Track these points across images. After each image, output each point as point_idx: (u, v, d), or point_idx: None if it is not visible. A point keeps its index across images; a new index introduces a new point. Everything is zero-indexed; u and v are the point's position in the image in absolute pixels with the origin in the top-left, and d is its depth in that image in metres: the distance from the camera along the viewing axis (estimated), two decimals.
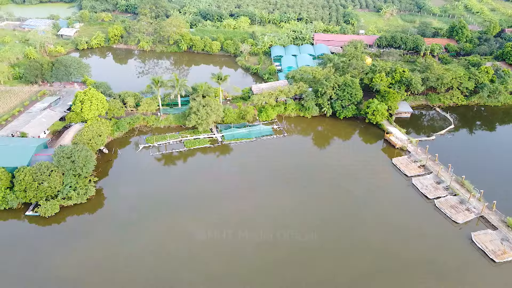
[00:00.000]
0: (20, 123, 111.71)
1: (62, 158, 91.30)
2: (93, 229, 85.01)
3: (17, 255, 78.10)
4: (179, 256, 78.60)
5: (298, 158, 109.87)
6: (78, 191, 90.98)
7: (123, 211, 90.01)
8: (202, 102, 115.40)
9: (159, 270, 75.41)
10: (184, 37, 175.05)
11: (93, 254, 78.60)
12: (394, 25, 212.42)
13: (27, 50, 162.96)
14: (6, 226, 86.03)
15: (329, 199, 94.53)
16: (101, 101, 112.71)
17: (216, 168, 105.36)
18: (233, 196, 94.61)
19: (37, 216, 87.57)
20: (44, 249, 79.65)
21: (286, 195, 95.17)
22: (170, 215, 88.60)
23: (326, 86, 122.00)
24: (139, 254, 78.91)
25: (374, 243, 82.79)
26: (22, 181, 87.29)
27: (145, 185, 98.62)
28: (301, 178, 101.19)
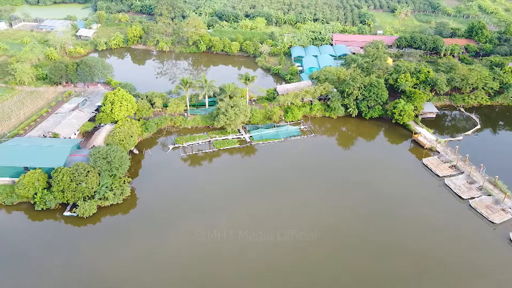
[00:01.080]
0: (50, 123, 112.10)
1: (98, 159, 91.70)
2: (132, 229, 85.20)
3: (60, 255, 78.31)
4: (218, 256, 78.61)
5: (327, 158, 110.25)
6: (114, 191, 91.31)
7: (159, 211, 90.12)
8: (231, 103, 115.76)
9: (199, 270, 75.55)
10: (203, 38, 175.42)
11: (134, 254, 78.72)
12: (409, 25, 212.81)
13: (48, 51, 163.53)
14: (45, 226, 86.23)
15: (362, 199, 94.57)
16: (130, 102, 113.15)
17: (247, 168, 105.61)
18: (267, 196, 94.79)
19: (74, 216, 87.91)
20: (86, 249, 79.87)
21: (320, 195, 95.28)
22: (205, 215, 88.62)
23: (353, 87, 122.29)
24: (179, 254, 78.87)
25: (411, 243, 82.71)
26: (60, 181, 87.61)
27: (177, 185, 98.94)
28: (332, 178, 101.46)
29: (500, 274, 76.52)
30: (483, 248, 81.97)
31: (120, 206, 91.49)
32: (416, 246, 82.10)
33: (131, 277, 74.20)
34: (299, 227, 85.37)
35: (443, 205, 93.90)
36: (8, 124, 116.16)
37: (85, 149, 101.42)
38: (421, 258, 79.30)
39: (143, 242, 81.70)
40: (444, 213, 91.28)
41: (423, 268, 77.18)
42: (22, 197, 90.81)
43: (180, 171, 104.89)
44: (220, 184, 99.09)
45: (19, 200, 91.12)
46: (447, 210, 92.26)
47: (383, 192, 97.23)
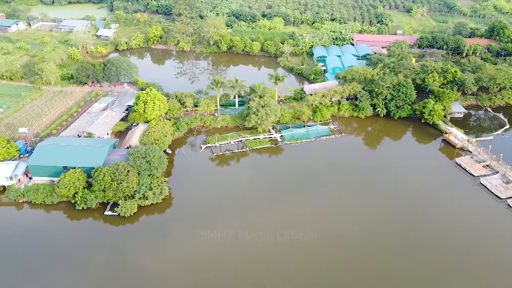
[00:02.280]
0: (82, 123, 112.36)
1: (137, 158, 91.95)
2: (172, 228, 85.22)
3: (105, 255, 78.49)
4: (259, 256, 78.78)
5: (359, 157, 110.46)
6: (154, 191, 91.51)
7: (197, 211, 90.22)
8: (261, 103, 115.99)
9: (242, 270, 75.78)
10: (224, 38, 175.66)
11: (175, 253, 78.81)
12: (426, 25, 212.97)
13: (70, 50, 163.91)
14: (87, 226, 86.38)
15: (397, 198, 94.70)
16: (162, 102, 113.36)
17: (280, 168, 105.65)
18: (303, 195, 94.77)
19: (115, 215, 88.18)
20: (129, 248, 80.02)
21: (355, 194, 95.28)
22: (242, 214, 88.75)
23: (382, 86, 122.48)
24: (218, 254, 78.84)
25: (451, 243, 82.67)
26: (101, 181, 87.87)
27: (212, 184, 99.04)
28: (365, 177, 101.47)
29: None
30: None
31: (159, 205, 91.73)
32: (455, 245, 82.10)
33: (172, 277, 74.21)
34: (336, 226, 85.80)
35: (481, 204, 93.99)
36: (40, 123, 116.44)
37: (120, 149, 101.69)
38: (461, 257, 79.33)
39: (183, 241, 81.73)
40: (483, 212, 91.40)
41: (464, 267, 77.31)
42: (62, 197, 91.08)
43: (213, 170, 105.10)
44: (255, 184, 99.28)
45: (59, 199, 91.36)
46: (485, 210, 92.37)
47: (418, 191, 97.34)
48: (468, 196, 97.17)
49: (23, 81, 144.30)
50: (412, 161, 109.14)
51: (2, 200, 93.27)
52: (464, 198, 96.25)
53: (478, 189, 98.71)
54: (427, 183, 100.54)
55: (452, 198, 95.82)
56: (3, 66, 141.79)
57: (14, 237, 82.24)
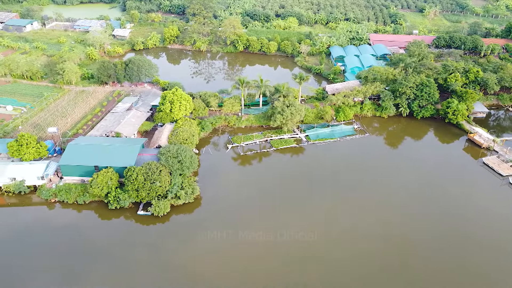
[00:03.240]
0: (108, 123, 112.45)
1: (169, 158, 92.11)
2: (207, 227, 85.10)
3: (144, 254, 78.59)
4: (297, 255, 78.91)
5: (385, 157, 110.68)
6: (186, 190, 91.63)
7: (228, 210, 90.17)
8: (286, 102, 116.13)
9: (279, 269, 75.94)
10: (241, 38, 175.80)
11: (211, 253, 78.90)
12: (440, 25, 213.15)
13: (88, 50, 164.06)
14: (121, 225, 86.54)
15: (427, 197, 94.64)
16: (188, 101, 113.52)
17: (309, 167, 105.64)
18: (334, 194, 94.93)
19: (148, 215, 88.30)
20: (167, 248, 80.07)
21: (386, 194, 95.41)
22: (274, 214, 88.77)
23: (406, 86, 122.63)
24: (251, 254, 78.89)
25: (484, 241, 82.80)
26: (134, 180, 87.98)
27: (240, 184, 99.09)
28: (394, 177, 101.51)
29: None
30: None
31: (191, 205, 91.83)
32: (489, 243, 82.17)
33: (211, 276, 74.29)
34: (371, 225, 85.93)
35: (511, 203, 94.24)
36: (66, 123, 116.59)
37: (149, 149, 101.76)
38: (496, 255, 79.40)
39: (219, 241, 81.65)
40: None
41: (501, 265, 77.52)
42: (94, 196, 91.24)
43: (241, 169, 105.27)
44: (284, 183, 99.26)
45: (91, 199, 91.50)
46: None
47: (446, 190, 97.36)
48: (497, 195, 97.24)
49: (43, 80, 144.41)
50: (438, 160, 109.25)
51: (33, 199, 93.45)
52: (493, 197, 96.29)
53: (507, 189, 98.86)
54: (455, 182, 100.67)
55: (482, 197, 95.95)
56: (24, 66, 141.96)
57: (50, 237, 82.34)
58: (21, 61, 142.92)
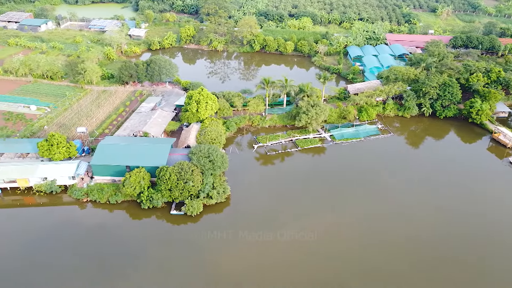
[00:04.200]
0: (135, 123, 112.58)
1: (201, 158, 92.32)
2: (240, 227, 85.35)
3: (180, 254, 78.71)
4: (337, 255, 79.17)
5: (412, 157, 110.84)
6: (217, 190, 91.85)
7: (260, 210, 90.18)
8: (311, 102, 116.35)
9: (314, 268, 76.15)
10: (257, 38, 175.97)
11: (251, 253, 79.24)
12: (453, 25, 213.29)
13: (106, 50, 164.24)
14: (156, 225, 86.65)
15: (454, 197, 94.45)
16: (214, 101, 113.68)
17: (337, 167, 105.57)
18: (363, 195, 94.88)
19: (181, 215, 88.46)
20: (202, 247, 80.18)
21: (415, 194, 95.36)
22: (305, 214, 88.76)
23: (429, 86, 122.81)
24: (285, 254, 78.92)
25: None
26: (168, 180, 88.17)
27: (269, 183, 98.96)
28: (421, 177, 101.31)
29: None
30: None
31: (223, 204, 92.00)
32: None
33: (248, 277, 74.56)
34: (401, 225, 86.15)
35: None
36: (91, 123, 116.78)
37: (179, 148, 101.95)
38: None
39: (253, 241, 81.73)
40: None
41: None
42: (126, 196, 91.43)
43: (268, 169, 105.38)
44: (313, 183, 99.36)
45: (123, 198, 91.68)
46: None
47: (473, 190, 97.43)
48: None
49: (63, 80, 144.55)
50: (464, 160, 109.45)
51: (65, 199, 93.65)
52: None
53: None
54: (483, 182, 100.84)
55: (509, 197, 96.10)
56: (45, 65, 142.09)
57: (86, 237, 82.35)
58: (42, 61, 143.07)
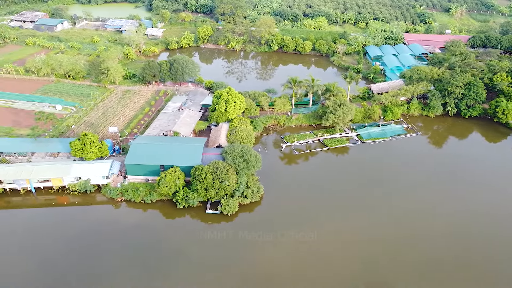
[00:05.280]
0: (164, 122, 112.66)
1: (235, 157, 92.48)
2: (277, 226, 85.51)
3: (221, 254, 78.74)
4: (371, 255, 79.37)
5: (440, 157, 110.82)
6: (252, 189, 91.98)
7: (295, 210, 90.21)
8: (338, 102, 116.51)
9: (355, 269, 76.34)
10: (275, 37, 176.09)
11: (290, 252, 79.40)
12: (468, 24, 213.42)
13: (126, 50, 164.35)
14: (192, 224, 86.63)
15: (487, 198, 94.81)
16: (241, 101, 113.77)
17: (367, 166, 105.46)
18: (394, 194, 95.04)
19: (217, 214, 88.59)
20: (242, 246, 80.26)
21: (445, 194, 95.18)
22: (340, 213, 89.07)
23: (455, 86, 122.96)
24: (326, 253, 79.16)
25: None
26: (203, 179, 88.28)
27: (301, 183, 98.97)
28: (453, 177, 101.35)
29: None
30: None
31: (257, 204, 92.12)
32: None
33: (291, 276, 74.71)
34: (435, 225, 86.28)
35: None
36: (118, 122, 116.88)
37: (210, 148, 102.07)
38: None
39: (291, 240, 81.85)
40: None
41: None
42: (161, 195, 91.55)
43: (298, 168, 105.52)
44: (344, 182, 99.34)
45: (158, 198, 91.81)
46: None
47: (505, 191, 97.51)
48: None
49: (85, 80, 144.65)
50: (494, 160, 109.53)
51: (99, 198, 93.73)
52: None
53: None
54: (510, 181, 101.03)
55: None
56: (68, 65, 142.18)
57: (124, 236, 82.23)
58: (64, 60, 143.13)
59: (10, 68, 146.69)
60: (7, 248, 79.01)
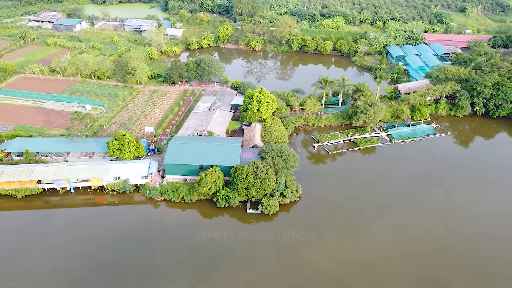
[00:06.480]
0: (196, 122, 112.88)
1: (274, 157, 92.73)
2: (319, 225, 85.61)
3: (267, 253, 78.93)
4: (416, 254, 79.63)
5: (474, 156, 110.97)
6: (291, 188, 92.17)
7: (336, 209, 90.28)
8: (369, 102, 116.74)
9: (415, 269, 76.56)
10: (296, 37, 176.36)
11: (335, 251, 79.64)
12: (485, 24, 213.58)
13: (148, 50, 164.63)
14: (235, 224, 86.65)
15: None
16: (273, 101, 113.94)
17: (402, 165, 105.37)
18: (445, 192, 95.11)
19: (258, 213, 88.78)
20: (286, 246, 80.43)
21: (481, 195, 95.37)
22: (386, 211, 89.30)
23: (484, 85, 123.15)
24: (373, 252, 79.39)
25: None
26: (244, 179, 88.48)
27: (338, 182, 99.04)
28: (491, 176, 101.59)
29: None
30: None
31: (296, 203, 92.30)
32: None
33: (345, 277, 75.08)
34: (478, 225, 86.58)
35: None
36: (149, 122, 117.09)
37: (247, 148, 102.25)
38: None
39: (334, 239, 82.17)
40: None
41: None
42: (200, 195, 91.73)
43: (332, 167, 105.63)
44: (381, 181, 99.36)
45: (198, 197, 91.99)
46: None
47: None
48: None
49: (110, 80, 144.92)
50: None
51: (137, 198, 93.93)
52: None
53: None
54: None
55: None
56: (94, 65, 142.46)
57: (169, 236, 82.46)
58: (90, 60, 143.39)
59: (35, 68, 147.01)
60: (54, 248, 79.26)
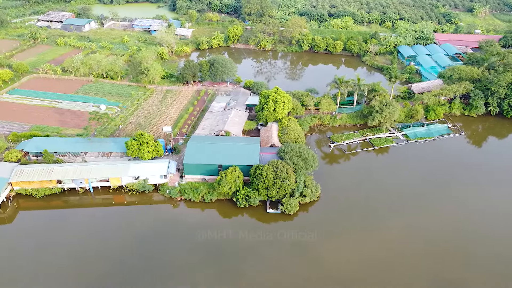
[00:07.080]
0: (213, 122, 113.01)
1: (293, 157, 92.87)
2: (340, 225, 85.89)
3: (289, 254, 79.05)
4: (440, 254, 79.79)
5: (491, 156, 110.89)
6: (310, 188, 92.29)
7: (356, 208, 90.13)
8: (384, 101, 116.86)
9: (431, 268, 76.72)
10: (306, 37, 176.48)
11: (358, 250, 79.82)
12: (494, 24, 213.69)
13: (159, 50, 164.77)
14: (256, 224, 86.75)
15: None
16: (289, 100, 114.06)
17: (419, 165, 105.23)
18: (464, 192, 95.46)
19: (278, 213, 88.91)
20: (311, 247, 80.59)
21: (503, 194, 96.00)
22: (399, 212, 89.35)
23: (499, 85, 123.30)
24: (391, 253, 79.40)
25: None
26: (265, 179, 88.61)
27: (356, 182, 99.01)
28: (508, 176, 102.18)
29: None
30: None
31: (315, 202, 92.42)
32: None
33: (357, 277, 75.22)
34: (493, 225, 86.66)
35: None
36: (165, 122, 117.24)
37: (265, 147, 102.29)
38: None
39: (357, 238, 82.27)
40: None
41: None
42: (220, 195, 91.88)
43: (349, 167, 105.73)
44: (397, 180, 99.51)
45: (217, 197, 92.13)
46: None
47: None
48: None
49: (123, 80, 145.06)
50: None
51: (157, 197, 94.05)
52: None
53: None
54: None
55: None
56: (106, 65, 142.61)
57: (190, 235, 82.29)
58: (103, 60, 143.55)
59: (48, 68, 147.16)
60: (73, 247, 79.41)
